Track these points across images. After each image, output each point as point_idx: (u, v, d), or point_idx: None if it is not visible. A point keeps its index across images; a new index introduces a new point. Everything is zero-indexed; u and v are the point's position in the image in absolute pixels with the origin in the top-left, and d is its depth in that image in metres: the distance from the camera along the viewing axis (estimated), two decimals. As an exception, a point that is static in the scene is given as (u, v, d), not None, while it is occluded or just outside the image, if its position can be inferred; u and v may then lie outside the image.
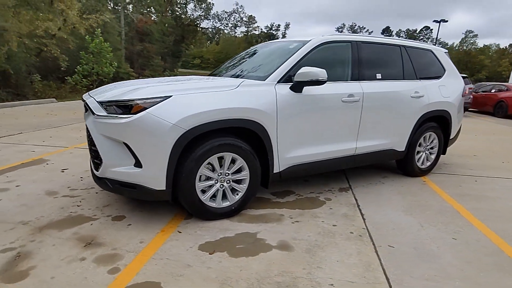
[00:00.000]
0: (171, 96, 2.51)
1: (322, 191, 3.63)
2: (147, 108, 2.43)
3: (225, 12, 45.98)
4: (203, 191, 2.73)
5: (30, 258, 2.19)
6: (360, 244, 2.51)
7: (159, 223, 2.74)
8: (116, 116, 2.48)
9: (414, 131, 3.92)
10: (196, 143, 2.59)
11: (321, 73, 2.86)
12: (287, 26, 60.89)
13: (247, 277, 2.06)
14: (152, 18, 36.24)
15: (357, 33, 63.37)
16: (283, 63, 3.07)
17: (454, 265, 2.27)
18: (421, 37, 59.40)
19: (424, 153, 4.21)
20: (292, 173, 3.16)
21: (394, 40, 3.93)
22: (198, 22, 41.61)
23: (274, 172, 3.03)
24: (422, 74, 4.03)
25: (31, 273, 2.03)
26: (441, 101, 4.07)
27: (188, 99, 2.56)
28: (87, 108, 2.82)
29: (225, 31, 56.54)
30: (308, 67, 2.93)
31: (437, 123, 4.21)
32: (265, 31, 58.53)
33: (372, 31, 65.54)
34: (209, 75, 3.91)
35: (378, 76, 3.62)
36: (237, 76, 3.33)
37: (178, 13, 38.90)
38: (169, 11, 37.99)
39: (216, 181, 2.76)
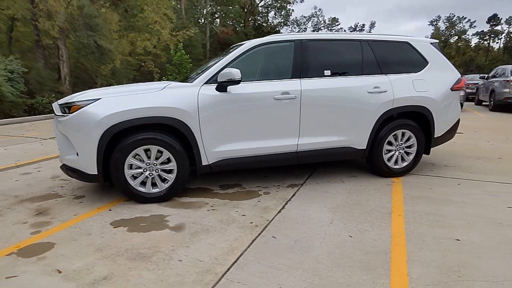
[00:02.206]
0: (100, 98, 3.08)
1: (269, 186, 3.75)
2: (80, 108, 3.05)
3: (304, 17, 46.14)
4: (135, 177, 3.22)
5: (-6, 219, 2.99)
6: (246, 233, 2.66)
7: (103, 202, 3.33)
8: (63, 115, 3.16)
9: (377, 128, 3.71)
10: (123, 137, 3.10)
11: (236, 73, 3.08)
12: (372, 25, 57.66)
13: (121, 246, 2.47)
14: (237, 29, 38.77)
15: (455, 24, 56.24)
16: (212, 66, 3.37)
17: (317, 259, 2.26)
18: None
19: (397, 152, 3.92)
20: (224, 166, 3.41)
21: (353, 36, 3.80)
22: (278, 28, 42.69)
23: (203, 164, 3.33)
24: (390, 68, 3.79)
25: (-14, 228, 2.81)
26: (413, 96, 3.75)
27: (113, 100, 3.08)
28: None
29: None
30: (229, 68, 3.17)
31: (413, 120, 3.88)
32: (348, 32, 56.41)
33: (474, 21, 57.39)
34: (181, 81, 4.38)
35: (327, 73, 3.58)
36: (186, 80, 3.74)
37: (259, 22, 40.76)
38: (251, 21, 40.08)
39: (145, 170, 3.22)
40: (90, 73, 25.14)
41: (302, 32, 44.44)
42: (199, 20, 37.21)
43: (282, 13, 42.94)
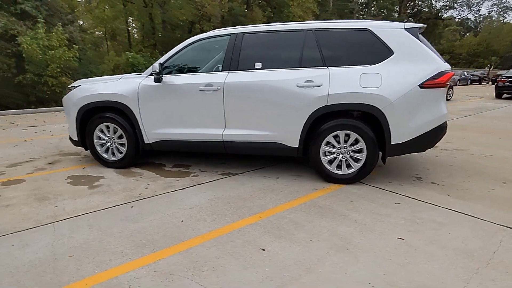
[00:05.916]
0: (80, 85, 4.15)
1: (209, 171, 4.02)
2: (69, 92, 4.21)
3: (477, -4, 37.42)
4: (102, 146, 4.18)
5: (19, 164, 4.55)
6: (121, 199, 3.16)
7: (88, 163, 4.45)
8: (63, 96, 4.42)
9: (308, 126, 3.37)
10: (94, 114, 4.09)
11: (156, 66, 3.57)
12: None
13: (46, 190, 3.43)
14: (389, 18, 35.57)
15: None
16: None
17: (124, 230, 2.58)
18: None
19: (341, 156, 3.42)
20: (162, 146, 3.94)
21: (296, 25, 3.50)
22: (440, 13, 36.04)
23: (146, 143, 3.97)
24: (336, 61, 3.32)
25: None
26: (354, 92, 3.19)
27: (86, 87, 4.09)
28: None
29: (493, 18, 45.52)
30: (156, 62, 3.66)
31: (363, 121, 3.30)
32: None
33: None
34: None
35: (258, 65, 3.51)
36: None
37: (419, 8, 35.44)
38: (410, 7, 35.35)
39: (106, 142, 4.14)
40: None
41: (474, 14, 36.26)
42: (351, 11, 35.99)
43: (450, -7, 36.19)
